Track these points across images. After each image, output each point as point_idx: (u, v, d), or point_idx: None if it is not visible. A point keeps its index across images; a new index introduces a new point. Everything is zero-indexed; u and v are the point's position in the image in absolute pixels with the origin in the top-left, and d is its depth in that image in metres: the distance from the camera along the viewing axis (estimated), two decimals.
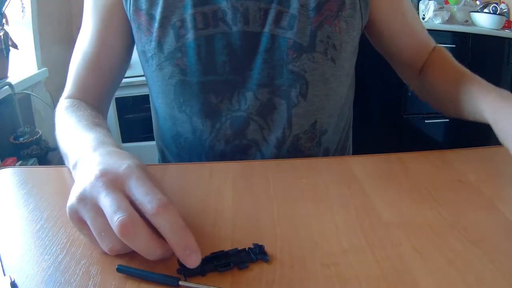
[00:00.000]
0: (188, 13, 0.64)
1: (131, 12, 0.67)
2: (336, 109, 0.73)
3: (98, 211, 0.38)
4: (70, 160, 0.50)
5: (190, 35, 0.65)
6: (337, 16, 0.66)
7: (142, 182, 0.39)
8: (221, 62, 0.66)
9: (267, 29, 0.65)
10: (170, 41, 0.65)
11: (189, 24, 0.65)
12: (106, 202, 0.37)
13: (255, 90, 0.67)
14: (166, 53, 0.66)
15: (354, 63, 0.75)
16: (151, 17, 0.66)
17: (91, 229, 0.39)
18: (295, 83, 0.67)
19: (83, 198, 0.39)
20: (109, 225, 0.37)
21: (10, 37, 1.58)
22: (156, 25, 0.66)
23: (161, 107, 0.72)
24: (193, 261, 0.36)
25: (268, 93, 0.67)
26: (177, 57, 0.66)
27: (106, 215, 0.37)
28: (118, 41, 0.71)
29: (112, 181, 0.39)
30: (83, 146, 0.48)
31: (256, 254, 0.40)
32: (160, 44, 0.66)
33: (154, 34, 0.66)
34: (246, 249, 0.41)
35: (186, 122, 0.70)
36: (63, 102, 0.67)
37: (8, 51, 1.57)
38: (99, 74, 0.71)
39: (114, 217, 0.36)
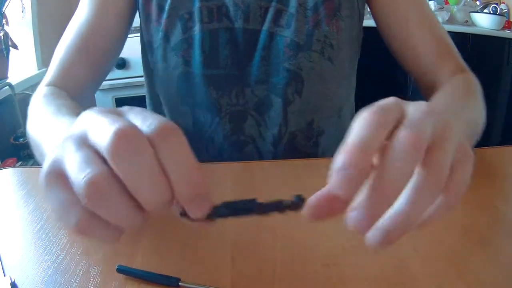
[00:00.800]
0: (196, 6, 0.66)
1: (141, 2, 0.69)
2: (335, 110, 0.73)
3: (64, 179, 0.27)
4: (45, 147, 0.42)
5: (197, 28, 0.66)
6: (335, 15, 0.67)
7: (136, 112, 0.28)
8: (224, 56, 0.67)
9: (265, 27, 0.66)
10: (177, 33, 0.67)
11: (196, 17, 0.66)
12: (72, 160, 0.26)
13: (253, 87, 0.68)
14: (172, 44, 0.67)
15: (356, 64, 0.74)
16: (160, 8, 0.68)
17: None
18: (291, 81, 0.67)
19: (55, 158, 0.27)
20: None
21: (10, 37, 1.58)
22: (164, 15, 0.67)
23: (161, 97, 0.73)
24: (202, 212, 0.29)
25: (265, 90, 0.68)
26: (183, 48, 0.67)
27: (71, 176, 0.26)
28: (115, 24, 0.69)
29: (83, 137, 0.27)
30: (62, 132, 0.39)
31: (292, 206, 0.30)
32: (167, 35, 0.67)
33: (162, 25, 0.67)
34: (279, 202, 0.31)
35: (188, 114, 0.71)
36: (42, 90, 0.61)
37: (8, 51, 1.57)
38: (87, 59, 0.67)
39: (81, 175, 0.25)
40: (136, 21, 0.73)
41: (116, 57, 0.74)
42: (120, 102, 2.06)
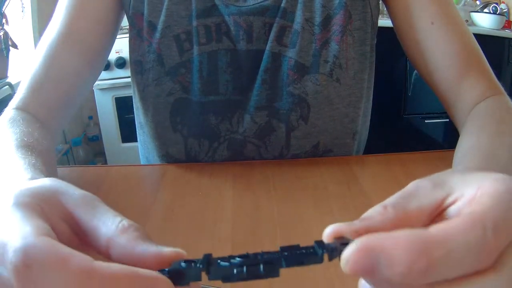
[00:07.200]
0: (193, 25, 0.59)
1: (130, 13, 0.61)
2: (344, 129, 0.64)
3: None
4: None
5: (195, 50, 0.60)
6: (345, 31, 0.59)
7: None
8: (224, 82, 0.61)
9: (268, 46, 0.59)
10: (172, 55, 0.60)
11: (194, 37, 0.59)
12: None
13: (252, 113, 0.62)
14: (167, 68, 0.60)
15: (365, 79, 0.64)
16: (151, 25, 0.60)
17: None
18: (295, 107, 0.61)
19: None
20: None
21: (10, 37, 1.58)
22: (157, 35, 0.59)
23: (148, 124, 0.65)
24: None
25: (266, 116, 0.62)
26: (180, 73, 0.60)
27: None
28: (92, 37, 0.60)
29: None
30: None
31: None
32: (160, 57, 0.60)
33: (154, 46, 0.60)
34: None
35: (180, 143, 0.64)
36: (8, 113, 0.52)
37: (8, 51, 1.57)
38: (60, 83, 0.57)
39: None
40: None
41: (94, 74, 0.64)
42: (120, 101, 2.06)
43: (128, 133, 2.10)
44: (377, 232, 0.21)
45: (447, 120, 2.25)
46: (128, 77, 0.69)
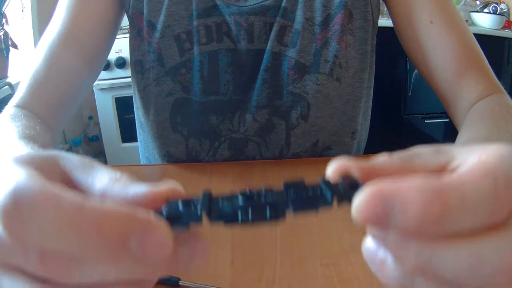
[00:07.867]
0: (193, 25, 0.59)
1: (130, 13, 0.61)
2: (343, 126, 0.65)
3: None
4: None
5: (195, 50, 0.60)
6: (345, 30, 0.59)
7: None
8: (225, 82, 0.61)
9: (269, 46, 0.60)
10: (172, 55, 0.60)
11: (194, 37, 0.60)
12: None
13: (253, 112, 0.62)
14: (168, 68, 0.60)
15: (366, 78, 0.64)
16: (150, 24, 0.60)
17: None
18: (296, 105, 0.61)
19: None
20: None
21: (10, 37, 1.58)
22: (157, 35, 0.60)
23: (149, 124, 0.65)
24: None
25: (267, 114, 0.62)
26: (180, 73, 0.60)
27: None
28: (91, 37, 0.60)
29: None
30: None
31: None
32: (160, 57, 0.60)
33: (154, 45, 0.60)
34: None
35: (181, 143, 0.64)
36: (8, 110, 0.53)
37: (8, 51, 1.57)
38: (58, 81, 0.57)
39: None
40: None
41: (94, 73, 0.64)
42: (120, 101, 2.06)
43: (128, 133, 2.09)
44: (383, 174, 0.20)
45: (447, 120, 2.25)
46: (128, 77, 0.69)
